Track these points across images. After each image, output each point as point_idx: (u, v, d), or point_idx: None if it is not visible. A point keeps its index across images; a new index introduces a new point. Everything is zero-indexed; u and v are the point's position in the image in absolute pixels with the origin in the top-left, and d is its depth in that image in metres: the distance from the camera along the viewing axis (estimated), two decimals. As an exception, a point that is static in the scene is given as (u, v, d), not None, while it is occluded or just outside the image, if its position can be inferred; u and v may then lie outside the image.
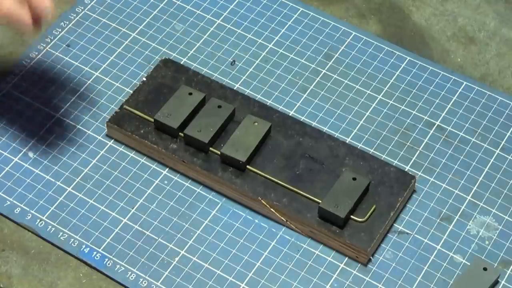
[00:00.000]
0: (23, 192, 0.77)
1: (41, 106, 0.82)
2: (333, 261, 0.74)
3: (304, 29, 0.88)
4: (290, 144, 0.78)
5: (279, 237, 0.75)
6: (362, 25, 0.89)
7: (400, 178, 0.76)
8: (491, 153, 0.80)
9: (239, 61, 0.86)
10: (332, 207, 0.73)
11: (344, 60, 0.86)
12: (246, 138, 0.77)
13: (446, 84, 0.84)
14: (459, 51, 0.88)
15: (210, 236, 0.75)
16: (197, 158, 0.77)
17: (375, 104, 0.83)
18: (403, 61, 0.86)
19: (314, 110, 0.82)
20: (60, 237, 0.75)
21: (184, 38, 0.87)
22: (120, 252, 0.74)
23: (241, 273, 0.73)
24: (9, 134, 0.80)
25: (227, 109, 0.79)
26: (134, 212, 0.76)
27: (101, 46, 0.86)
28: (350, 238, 0.73)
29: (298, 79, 0.84)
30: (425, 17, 0.90)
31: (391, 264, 0.73)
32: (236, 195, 0.76)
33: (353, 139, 0.80)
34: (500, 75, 0.86)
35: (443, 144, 0.80)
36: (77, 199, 0.77)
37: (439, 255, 0.74)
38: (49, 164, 0.79)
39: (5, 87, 0.83)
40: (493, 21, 0.90)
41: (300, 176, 0.76)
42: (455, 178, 0.78)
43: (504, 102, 0.83)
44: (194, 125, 0.78)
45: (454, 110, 0.82)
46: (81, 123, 0.81)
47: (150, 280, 0.72)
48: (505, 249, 0.74)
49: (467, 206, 0.76)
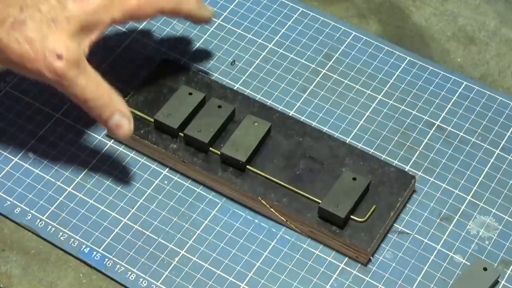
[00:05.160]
0: (23, 192, 0.77)
1: (41, 106, 0.82)
2: (333, 261, 0.74)
3: (304, 29, 0.88)
4: (290, 144, 0.78)
5: (279, 237, 0.75)
6: (362, 25, 0.89)
7: (400, 178, 0.76)
8: (491, 153, 0.80)
9: (239, 61, 0.86)
10: (332, 207, 0.73)
11: (344, 60, 0.86)
12: (246, 138, 0.77)
13: (446, 84, 0.84)
14: (459, 51, 0.88)
15: (210, 236, 0.75)
16: (197, 158, 0.77)
17: (375, 104, 0.83)
18: (403, 61, 0.86)
19: (314, 110, 0.82)
20: (60, 237, 0.75)
21: (184, 38, 0.87)
22: (120, 252, 0.74)
23: (241, 273, 0.73)
24: (9, 134, 0.80)
25: (227, 109, 0.79)
26: (134, 212, 0.76)
27: (101, 46, 0.86)
28: (350, 238, 0.73)
29: (298, 79, 0.84)
30: (425, 17, 0.90)
31: (391, 264, 0.73)
32: (236, 195, 0.76)
33: (353, 139, 0.80)
34: (500, 75, 0.86)
35: (443, 144, 0.80)
36: (77, 199, 0.77)
37: (439, 255, 0.74)
38: (49, 164, 0.79)
39: (5, 87, 0.83)
40: (493, 21, 0.90)
41: (300, 176, 0.76)
42: (455, 178, 0.78)
43: (504, 102, 0.83)
44: (194, 125, 0.78)
45: (454, 110, 0.82)
46: (81, 123, 0.81)
47: (150, 280, 0.72)
48: (505, 249, 0.74)
49: (467, 206, 0.76)
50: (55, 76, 0.71)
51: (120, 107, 0.74)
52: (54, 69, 0.70)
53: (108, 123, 0.73)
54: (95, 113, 0.73)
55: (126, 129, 0.74)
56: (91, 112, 0.73)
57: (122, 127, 0.74)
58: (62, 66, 0.70)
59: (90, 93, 0.72)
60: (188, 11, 0.79)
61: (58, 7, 0.71)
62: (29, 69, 0.71)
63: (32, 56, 0.70)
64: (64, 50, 0.70)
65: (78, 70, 0.71)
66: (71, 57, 0.71)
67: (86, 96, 0.72)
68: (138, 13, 0.75)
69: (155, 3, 0.76)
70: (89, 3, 0.72)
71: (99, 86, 0.73)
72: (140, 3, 0.75)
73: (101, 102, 0.72)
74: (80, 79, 0.71)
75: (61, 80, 0.71)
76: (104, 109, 0.73)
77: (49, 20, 0.70)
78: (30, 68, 0.71)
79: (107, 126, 0.74)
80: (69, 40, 0.71)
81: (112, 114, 0.73)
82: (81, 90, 0.72)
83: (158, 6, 0.76)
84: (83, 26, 0.72)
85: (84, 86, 0.72)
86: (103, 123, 0.74)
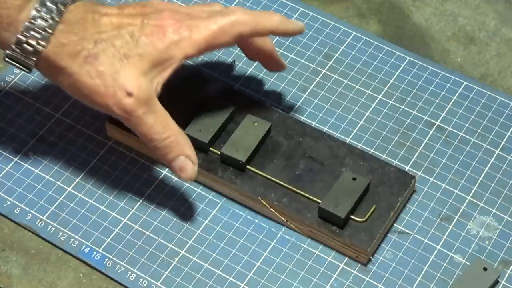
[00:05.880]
0: (23, 192, 0.77)
1: (41, 106, 0.82)
2: (333, 261, 0.74)
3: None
4: (290, 144, 0.78)
5: (279, 237, 0.75)
6: (362, 25, 0.89)
7: (400, 178, 0.76)
8: (491, 153, 0.80)
9: (239, 61, 0.86)
10: (332, 207, 0.73)
11: (344, 60, 0.86)
12: (246, 138, 0.77)
13: (446, 84, 0.84)
14: (459, 51, 0.88)
15: (210, 236, 0.75)
16: (197, 158, 0.77)
17: (375, 104, 0.83)
18: (403, 61, 0.86)
19: (314, 110, 0.82)
20: (60, 237, 0.75)
21: (184, 38, 0.87)
22: (120, 252, 0.74)
23: (241, 273, 0.73)
24: (9, 134, 0.80)
25: (227, 109, 0.79)
26: (134, 212, 0.76)
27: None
28: (350, 238, 0.73)
29: (298, 79, 0.84)
30: (425, 17, 0.90)
31: (391, 264, 0.73)
32: (236, 195, 0.76)
33: (353, 139, 0.80)
34: (500, 75, 0.86)
35: (443, 144, 0.80)
36: (77, 199, 0.77)
37: (439, 255, 0.74)
38: (49, 164, 0.79)
39: (5, 87, 0.83)
40: (493, 21, 0.90)
41: (300, 176, 0.76)
42: (455, 178, 0.78)
43: (504, 102, 0.83)
44: (194, 125, 0.78)
45: (454, 110, 0.82)
46: (81, 123, 0.81)
47: (150, 280, 0.72)
48: (505, 249, 0.74)
49: (467, 206, 0.76)
50: (123, 113, 0.70)
51: (186, 150, 0.72)
52: (123, 106, 0.70)
53: (172, 165, 0.73)
54: (160, 154, 0.72)
55: (189, 173, 0.73)
56: (156, 151, 0.72)
57: (186, 170, 0.72)
58: (131, 104, 0.70)
59: (157, 133, 0.71)
60: (271, 30, 0.76)
61: (131, 42, 0.70)
62: (99, 104, 0.71)
63: (103, 91, 0.70)
64: (135, 88, 0.70)
65: (147, 109, 0.70)
66: (141, 95, 0.70)
67: (152, 136, 0.71)
68: (213, 44, 0.73)
69: (230, 28, 0.73)
70: (161, 40, 0.71)
71: (167, 127, 0.72)
72: (215, 33, 0.73)
73: (167, 144, 0.72)
74: (149, 118, 0.71)
75: (130, 118, 0.71)
76: (170, 150, 0.72)
77: (121, 56, 0.70)
78: (100, 102, 0.71)
79: (170, 166, 0.73)
80: (141, 77, 0.70)
81: (177, 157, 0.72)
82: (148, 129, 0.71)
83: (235, 32, 0.73)
84: (156, 63, 0.71)
85: (152, 125, 0.71)
86: (167, 163, 0.73)
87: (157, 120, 0.71)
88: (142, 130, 0.71)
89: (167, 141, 0.72)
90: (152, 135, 0.71)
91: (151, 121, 0.71)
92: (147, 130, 0.71)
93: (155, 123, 0.71)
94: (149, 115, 0.71)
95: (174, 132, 0.72)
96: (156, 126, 0.71)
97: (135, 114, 0.70)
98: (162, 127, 0.71)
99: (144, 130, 0.71)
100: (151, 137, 0.71)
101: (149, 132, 0.71)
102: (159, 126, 0.71)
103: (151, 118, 0.71)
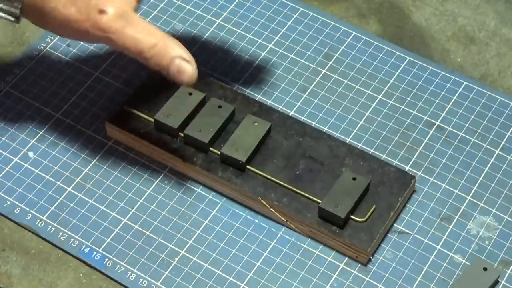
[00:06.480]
0: (23, 192, 0.77)
1: (41, 106, 0.82)
2: (333, 261, 0.74)
3: (304, 29, 0.88)
4: (290, 144, 0.78)
5: (279, 237, 0.75)
6: (362, 25, 0.89)
7: (400, 178, 0.76)
8: (491, 153, 0.80)
9: (239, 61, 0.86)
10: (332, 207, 0.73)
11: (344, 60, 0.86)
12: (246, 138, 0.77)
13: (446, 84, 0.84)
14: (459, 51, 0.88)
15: (210, 236, 0.75)
16: (197, 158, 0.77)
17: (375, 104, 0.83)
18: (403, 61, 0.86)
19: (314, 110, 0.82)
20: (60, 237, 0.75)
21: (184, 38, 0.87)
22: (120, 252, 0.74)
23: (241, 273, 0.73)
24: (9, 134, 0.80)
25: (227, 109, 0.79)
26: (134, 212, 0.76)
27: (102, 46, 0.86)
28: (350, 238, 0.73)
29: (298, 79, 0.84)
30: (425, 17, 0.90)
31: (391, 264, 0.73)
32: (236, 195, 0.76)
33: (353, 139, 0.80)
34: (500, 75, 0.86)
35: (443, 144, 0.80)
36: (77, 199, 0.77)
37: (439, 255, 0.74)
38: (49, 164, 0.79)
39: (5, 87, 0.83)
40: (493, 21, 0.90)
41: (300, 176, 0.76)
42: (455, 178, 0.78)
43: (504, 102, 0.83)
44: (194, 125, 0.78)
45: (454, 110, 0.82)
46: (81, 123, 0.81)
47: (150, 280, 0.72)
48: (505, 249, 0.74)
49: (467, 206, 0.76)
50: (102, 32, 0.69)
51: (178, 50, 0.70)
52: (99, 25, 0.69)
53: (170, 72, 0.70)
54: (153, 63, 0.70)
55: (189, 73, 0.70)
56: (149, 64, 0.70)
57: (184, 71, 0.70)
58: (106, 20, 0.69)
59: (142, 43, 0.69)
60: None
61: None
62: (81, 32, 0.70)
63: (79, 17, 0.69)
64: (106, 4, 0.69)
65: (125, 22, 0.69)
66: (115, 10, 0.69)
67: (138, 46, 0.69)
68: None
69: None
70: None
71: (151, 34, 0.70)
72: None
73: (156, 50, 0.69)
74: (128, 30, 0.69)
75: (109, 35, 0.69)
76: (162, 57, 0.70)
77: None
78: (81, 30, 0.70)
79: (168, 74, 0.70)
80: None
81: (171, 60, 0.70)
82: (132, 41, 0.69)
83: None
84: None
85: (134, 37, 0.69)
86: (165, 72, 0.70)
87: (138, 30, 0.70)
88: (126, 44, 0.70)
89: (156, 49, 0.70)
90: (138, 46, 0.70)
91: (132, 33, 0.69)
92: (131, 42, 0.69)
93: (137, 33, 0.69)
94: (128, 27, 0.69)
95: (160, 37, 0.70)
96: (138, 36, 0.69)
97: (113, 30, 0.69)
98: (146, 35, 0.70)
99: (128, 43, 0.69)
100: (137, 49, 0.70)
101: (133, 44, 0.69)
102: (141, 35, 0.70)
103: (131, 30, 0.69)
